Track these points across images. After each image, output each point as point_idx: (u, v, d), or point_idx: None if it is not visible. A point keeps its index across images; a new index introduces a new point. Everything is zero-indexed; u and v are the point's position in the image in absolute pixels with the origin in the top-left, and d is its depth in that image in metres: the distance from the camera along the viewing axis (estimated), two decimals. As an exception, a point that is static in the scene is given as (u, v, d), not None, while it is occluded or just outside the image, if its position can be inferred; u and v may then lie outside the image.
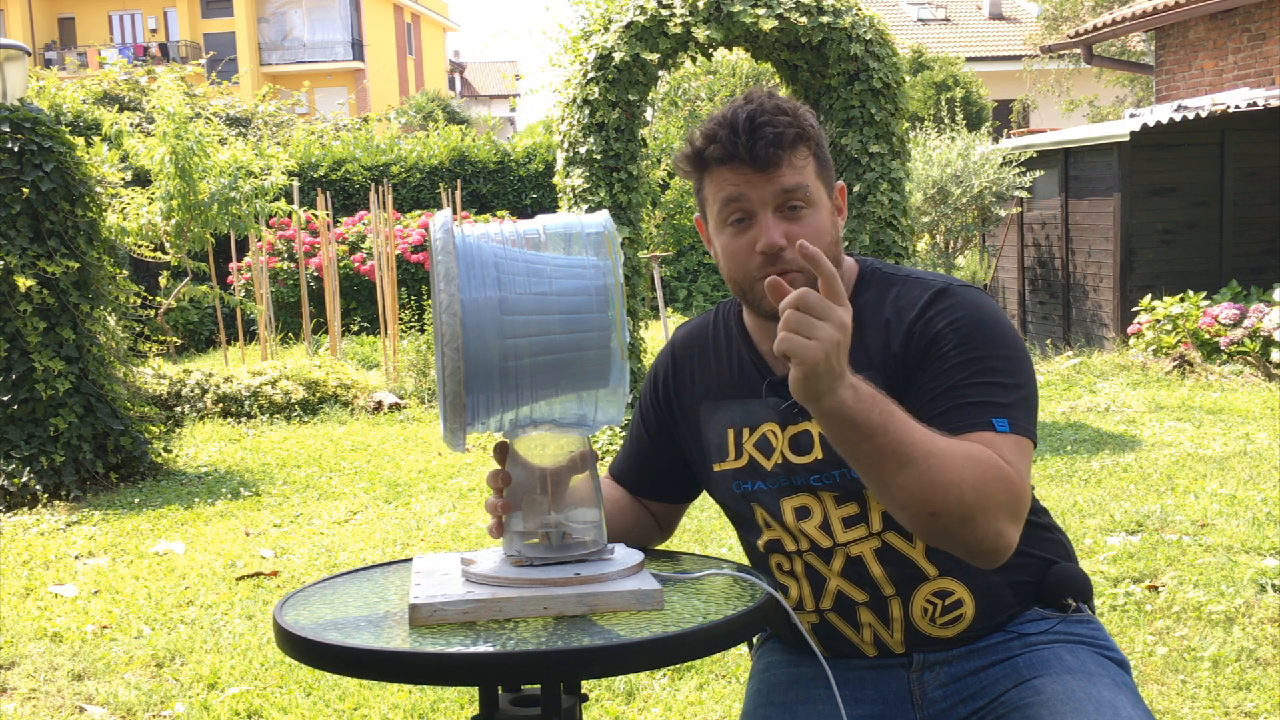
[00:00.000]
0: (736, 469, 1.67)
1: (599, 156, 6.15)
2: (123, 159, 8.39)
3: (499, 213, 13.78)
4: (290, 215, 9.41)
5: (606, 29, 6.19)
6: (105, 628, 3.86)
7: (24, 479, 5.62)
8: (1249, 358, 7.89)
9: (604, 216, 1.45)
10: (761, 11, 6.03)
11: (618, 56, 6.06)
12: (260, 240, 9.82)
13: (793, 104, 1.58)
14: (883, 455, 1.37)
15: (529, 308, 1.37)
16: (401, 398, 8.13)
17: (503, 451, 1.49)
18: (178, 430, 6.96)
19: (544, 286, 1.38)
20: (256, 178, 8.62)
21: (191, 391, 7.77)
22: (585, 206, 6.14)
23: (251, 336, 11.31)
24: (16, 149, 5.74)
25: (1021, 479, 1.43)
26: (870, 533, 1.59)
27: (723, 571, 1.57)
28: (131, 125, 9.36)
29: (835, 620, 1.64)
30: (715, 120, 1.57)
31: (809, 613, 1.65)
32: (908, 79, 8.37)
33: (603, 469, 1.66)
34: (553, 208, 11.77)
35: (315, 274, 11.27)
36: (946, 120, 12.36)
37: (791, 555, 1.65)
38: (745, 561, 1.77)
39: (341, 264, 11.67)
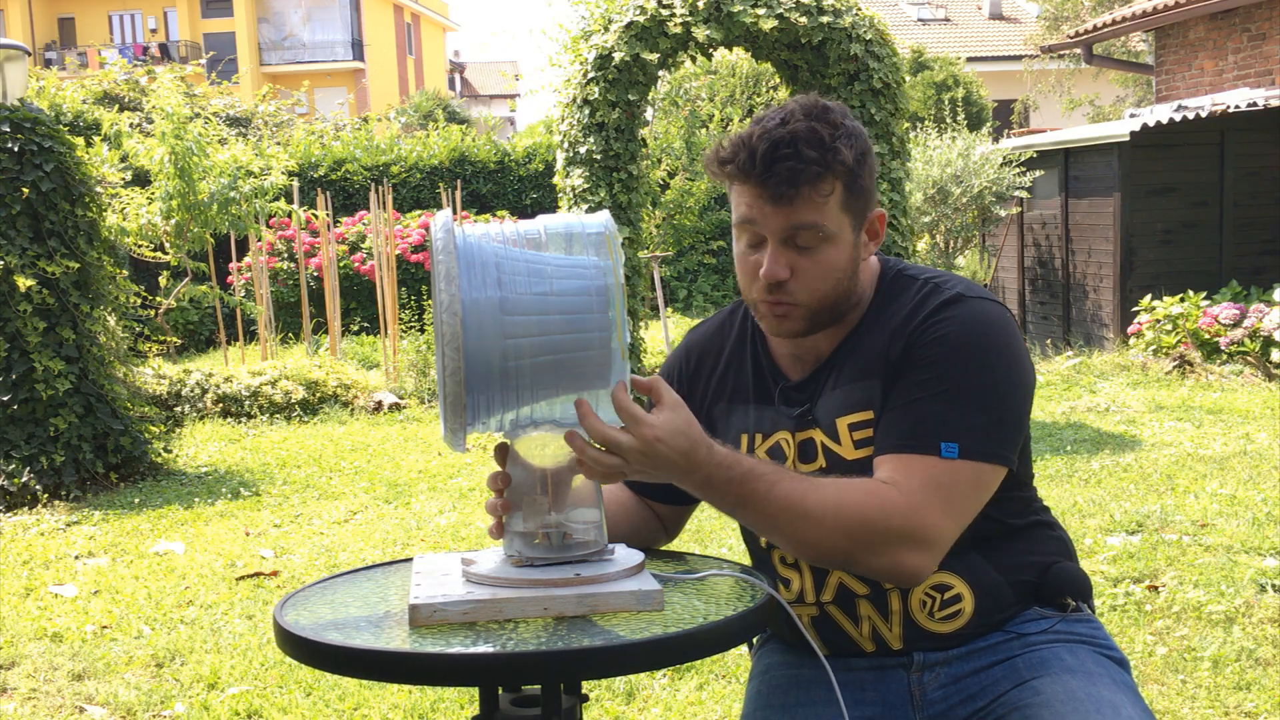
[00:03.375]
0: None
1: (599, 156, 6.15)
2: (123, 159, 8.39)
3: (499, 213, 13.78)
4: (290, 215, 9.40)
5: (606, 29, 6.19)
6: (105, 628, 3.86)
7: (24, 479, 5.62)
8: (1249, 358, 7.89)
9: (605, 216, 1.45)
10: (761, 11, 6.03)
11: (618, 56, 6.06)
12: (260, 240, 9.81)
13: (832, 128, 1.52)
14: (751, 524, 1.52)
15: (530, 308, 1.36)
16: (401, 398, 8.13)
17: (503, 452, 1.49)
18: (178, 430, 6.95)
19: (545, 286, 1.38)
20: (256, 178, 8.61)
21: (191, 391, 7.77)
22: (585, 206, 6.14)
23: (251, 336, 11.30)
24: (16, 149, 5.74)
25: (919, 509, 1.46)
26: None
27: (723, 572, 1.57)
28: (131, 125, 9.34)
29: (835, 613, 1.64)
30: (744, 135, 1.54)
31: (810, 605, 1.65)
32: (908, 79, 8.37)
33: None
34: (553, 208, 11.76)
35: (315, 274, 11.27)
36: (949, 120, 12.36)
37: None
38: (746, 561, 1.77)
39: (341, 264, 11.66)
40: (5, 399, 5.69)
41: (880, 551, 1.45)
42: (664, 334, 9.72)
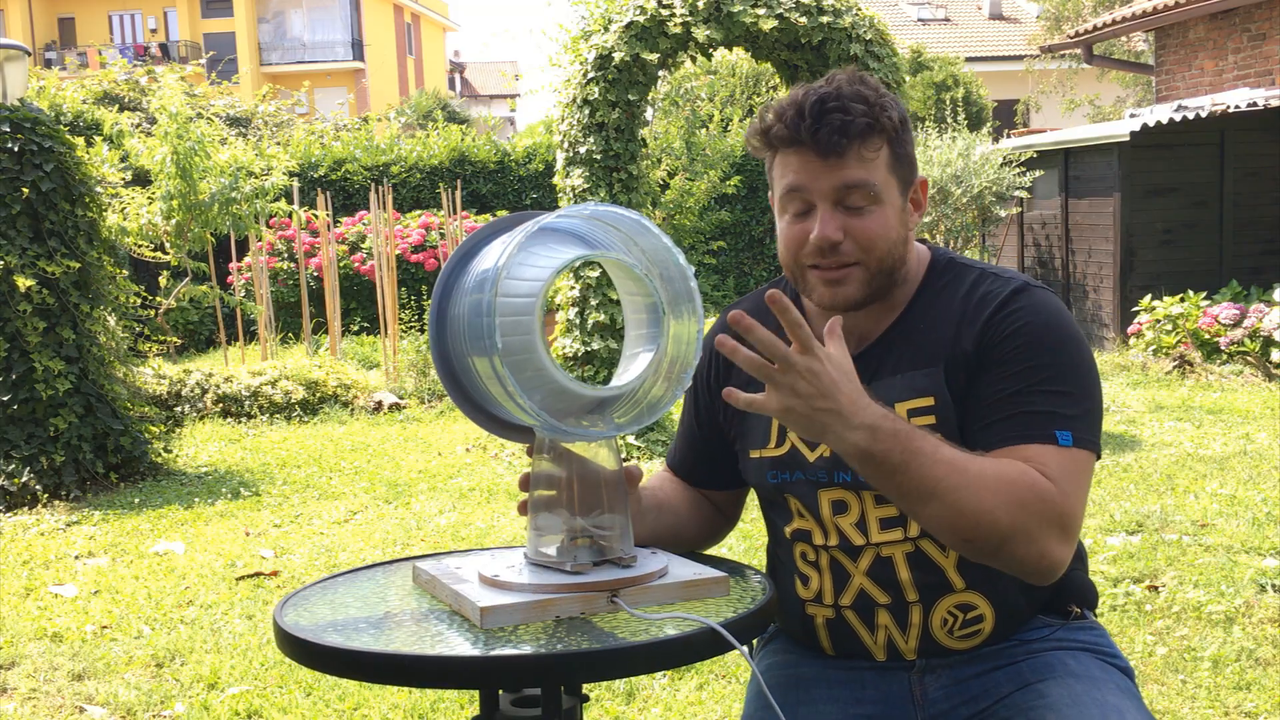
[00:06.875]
0: (775, 457, 1.63)
1: (599, 156, 6.15)
2: (123, 159, 8.38)
3: (499, 212, 13.77)
4: (290, 215, 9.40)
5: (606, 29, 6.19)
6: (105, 628, 3.86)
7: (24, 479, 5.61)
8: (1249, 358, 7.89)
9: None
10: (761, 11, 6.03)
11: (618, 56, 6.06)
12: (260, 240, 9.81)
13: (877, 92, 1.52)
14: (906, 491, 1.39)
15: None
16: (401, 398, 8.13)
17: (534, 451, 1.49)
18: (178, 430, 6.95)
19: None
20: (257, 178, 8.60)
21: (191, 391, 7.77)
22: (585, 206, 6.14)
23: (251, 336, 11.30)
24: (16, 149, 5.74)
25: (1066, 496, 1.42)
26: (906, 537, 1.57)
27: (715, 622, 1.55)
28: (132, 125, 9.34)
29: (851, 618, 1.62)
30: (788, 99, 1.53)
31: (827, 606, 1.63)
32: (908, 79, 8.36)
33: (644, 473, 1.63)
34: (553, 207, 11.71)
35: (315, 274, 11.26)
36: (949, 120, 12.36)
37: (819, 548, 1.62)
38: (747, 560, 1.76)
39: (341, 264, 11.66)
40: (5, 399, 5.69)
41: (1035, 537, 1.39)
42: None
